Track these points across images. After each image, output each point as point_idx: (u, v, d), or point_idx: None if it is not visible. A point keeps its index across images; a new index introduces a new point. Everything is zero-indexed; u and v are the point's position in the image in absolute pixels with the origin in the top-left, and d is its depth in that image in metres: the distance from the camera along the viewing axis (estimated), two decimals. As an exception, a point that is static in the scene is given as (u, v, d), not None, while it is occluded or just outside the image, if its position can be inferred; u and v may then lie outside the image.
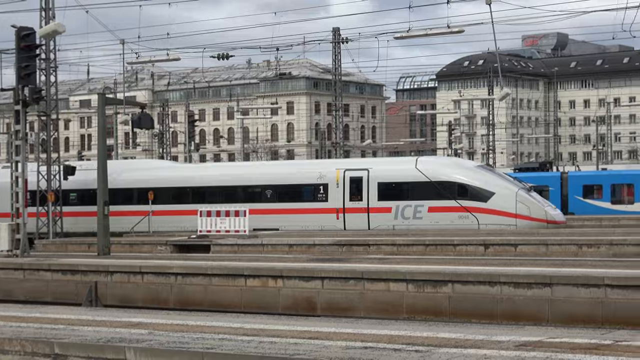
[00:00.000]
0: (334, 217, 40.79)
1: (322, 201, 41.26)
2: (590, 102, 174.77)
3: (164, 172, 46.41)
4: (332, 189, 41.08)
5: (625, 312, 17.81)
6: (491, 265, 22.77)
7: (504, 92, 68.80)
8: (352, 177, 40.93)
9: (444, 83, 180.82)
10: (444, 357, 12.57)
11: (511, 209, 38.40)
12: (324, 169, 42.29)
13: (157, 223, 42.85)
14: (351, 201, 40.71)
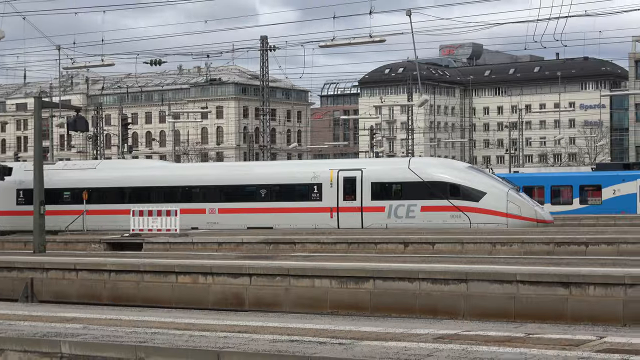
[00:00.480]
0: (328, 216, 40.19)
1: (316, 200, 40.61)
2: (503, 109, 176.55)
3: (154, 171, 45.93)
4: (326, 189, 40.46)
5: (535, 307, 18.01)
6: (410, 262, 22.88)
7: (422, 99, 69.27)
8: (345, 177, 40.33)
9: (366, 90, 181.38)
10: (366, 349, 12.61)
11: (502, 209, 38.12)
12: (317, 169, 41.69)
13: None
14: (345, 200, 40.10)
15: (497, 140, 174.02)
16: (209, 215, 42.01)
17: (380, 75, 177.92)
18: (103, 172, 45.65)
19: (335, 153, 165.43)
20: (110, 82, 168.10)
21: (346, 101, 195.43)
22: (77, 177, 45.22)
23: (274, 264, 23.07)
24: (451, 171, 40.15)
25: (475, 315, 18.29)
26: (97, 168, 46.75)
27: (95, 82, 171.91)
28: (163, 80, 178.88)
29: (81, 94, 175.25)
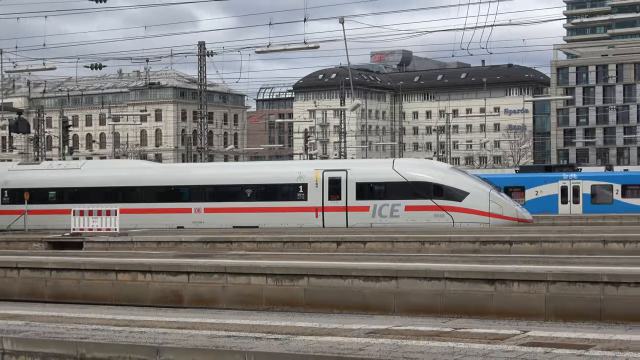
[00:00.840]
0: (313, 215, 39.90)
1: (301, 200, 40.27)
2: (431, 113, 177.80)
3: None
4: (312, 189, 40.13)
5: (462, 303, 18.15)
6: (343, 260, 22.94)
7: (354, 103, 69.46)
8: (330, 177, 40.02)
9: (300, 94, 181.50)
10: (301, 344, 12.61)
11: (485, 208, 38.02)
12: (303, 169, 41.39)
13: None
14: (330, 200, 39.80)
15: (425, 143, 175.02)
16: (195, 214, 41.59)
17: (314, 80, 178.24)
18: (88, 172, 44.99)
19: (270, 155, 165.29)
20: (51, 86, 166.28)
21: (281, 105, 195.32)
22: (63, 177, 44.54)
23: (212, 262, 22.98)
24: (434, 172, 40.08)
25: (405, 311, 18.38)
26: (82, 168, 45.97)
27: (37, 85, 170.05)
28: (103, 84, 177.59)
29: (23, 96, 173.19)
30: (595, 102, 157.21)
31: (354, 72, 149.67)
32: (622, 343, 12.82)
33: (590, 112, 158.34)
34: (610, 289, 17.04)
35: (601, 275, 17.31)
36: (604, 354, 11.90)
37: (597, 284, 17.16)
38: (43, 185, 44.02)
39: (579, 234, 30.81)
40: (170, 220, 41.29)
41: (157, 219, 41.92)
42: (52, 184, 44.33)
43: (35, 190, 43.68)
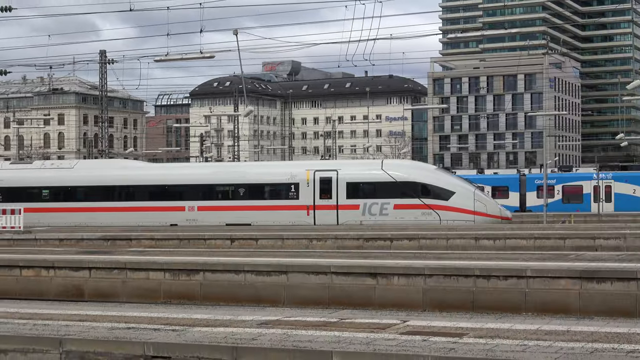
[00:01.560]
0: (305, 213, 39.25)
1: (293, 199, 39.59)
2: (318, 120, 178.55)
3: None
4: (303, 188, 39.47)
5: (347, 295, 18.25)
6: (237, 256, 22.85)
7: (247, 110, 69.29)
8: (321, 177, 39.43)
9: (196, 100, 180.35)
10: (197, 335, 12.52)
11: (470, 207, 37.72)
12: (294, 169, 40.72)
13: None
14: (321, 199, 39.20)
15: (313, 147, 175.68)
16: (188, 212, 40.64)
17: (209, 88, 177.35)
18: (81, 171, 43.66)
19: (168, 158, 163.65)
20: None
21: (178, 111, 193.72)
22: (56, 176, 43.30)
23: (112, 258, 22.64)
24: (422, 172, 39.85)
25: (295, 303, 18.39)
26: (74, 168, 44.51)
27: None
28: (8, 89, 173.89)
29: None
30: (468, 111, 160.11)
31: (247, 81, 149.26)
32: (493, 331, 13.05)
33: (464, 120, 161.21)
34: (482, 282, 17.34)
35: (474, 269, 17.61)
36: (476, 341, 12.09)
37: (470, 277, 17.45)
38: (35, 184, 42.78)
39: (453, 231, 31.28)
40: (163, 218, 40.18)
41: (150, 217, 40.85)
42: (44, 182, 43.00)
43: (26, 188, 42.64)
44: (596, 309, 16.35)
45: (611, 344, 11.93)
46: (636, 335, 12.76)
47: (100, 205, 41.77)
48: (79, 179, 42.95)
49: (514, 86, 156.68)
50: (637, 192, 53.69)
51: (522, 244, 29.39)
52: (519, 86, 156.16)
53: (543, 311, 16.55)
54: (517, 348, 11.52)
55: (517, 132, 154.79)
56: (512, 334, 12.83)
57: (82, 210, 41.89)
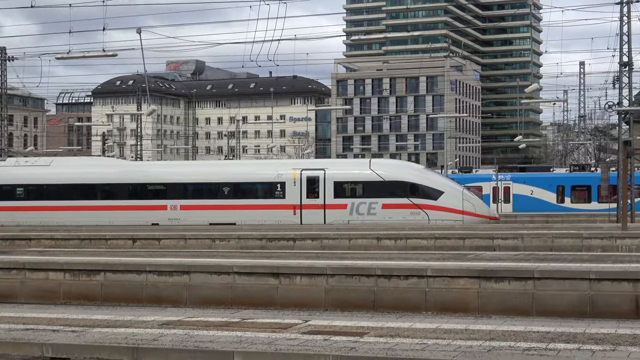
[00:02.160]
0: (291, 212, 38.57)
1: (279, 198, 38.81)
2: (223, 120, 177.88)
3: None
4: (290, 187, 38.77)
5: (250, 295, 18.21)
6: (138, 256, 22.62)
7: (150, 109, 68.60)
8: (309, 176, 38.78)
9: (98, 99, 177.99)
10: (97, 335, 12.36)
11: (459, 206, 37.44)
12: (281, 168, 39.94)
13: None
14: (308, 198, 38.52)
15: (217, 147, 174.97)
16: (170, 211, 39.60)
17: (112, 87, 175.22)
18: (59, 169, 42.20)
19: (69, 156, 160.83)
20: None
21: (80, 109, 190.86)
22: (32, 174, 41.89)
23: (10, 258, 22.18)
24: (411, 171, 39.45)
25: (197, 303, 18.30)
26: (51, 165, 42.97)
27: None
28: None
29: None
30: (371, 112, 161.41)
31: (150, 80, 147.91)
32: (393, 330, 13.19)
33: (367, 121, 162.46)
34: (383, 282, 17.49)
35: (375, 268, 17.75)
36: (377, 340, 12.20)
37: (372, 277, 17.58)
38: (9, 182, 41.47)
39: (355, 231, 31.49)
40: (144, 217, 39.17)
41: (131, 216, 39.79)
42: (19, 180, 41.71)
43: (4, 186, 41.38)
44: (494, 308, 16.63)
45: (508, 342, 12.17)
46: (532, 333, 13.04)
47: (78, 204, 40.67)
48: (56, 177, 41.79)
49: (416, 88, 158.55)
50: (535, 194, 54.82)
51: (423, 243, 29.75)
52: (421, 88, 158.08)
53: (443, 310, 16.78)
54: (416, 347, 11.66)
55: (419, 134, 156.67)
56: (412, 332, 12.99)
57: (59, 209, 40.78)
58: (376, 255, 22.49)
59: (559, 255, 21.43)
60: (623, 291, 16.20)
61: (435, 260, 19.55)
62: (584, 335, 12.89)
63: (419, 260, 19.81)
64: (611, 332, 13.18)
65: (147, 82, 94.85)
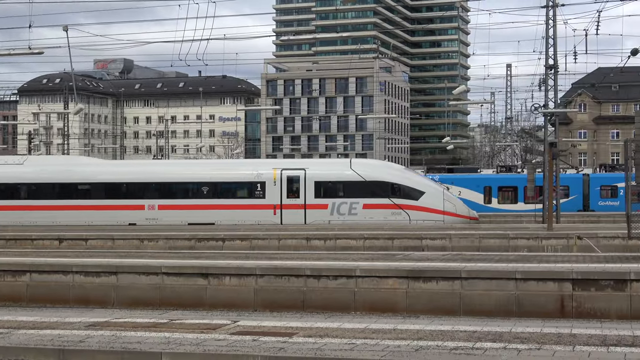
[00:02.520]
0: (271, 212, 38.10)
1: (259, 198, 38.32)
2: (151, 119, 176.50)
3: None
4: (270, 187, 38.31)
5: (178, 295, 18.10)
6: (65, 256, 22.33)
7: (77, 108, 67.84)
8: (289, 176, 38.40)
9: (24, 97, 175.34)
10: (22, 337, 12.17)
11: (439, 207, 37.39)
12: (261, 167, 39.41)
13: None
14: (289, 198, 38.13)
15: (145, 146, 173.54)
16: (148, 211, 38.94)
17: (38, 85, 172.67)
18: (32, 167, 41.23)
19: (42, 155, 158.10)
20: None
21: (6, 107, 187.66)
22: (4, 172, 40.92)
23: None
24: (392, 171, 39.29)
25: (125, 304, 18.12)
26: (24, 164, 41.93)
27: None
28: None
29: None
30: (301, 113, 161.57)
31: (78, 78, 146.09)
32: (322, 330, 13.21)
33: (297, 121, 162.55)
34: (313, 282, 17.51)
35: (304, 269, 17.77)
36: (305, 340, 12.21)
37: (301, 277, 17.59)
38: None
39: (285, 231, 31.49)
40: (121, 217, 38.46)
41: (108, 216, 39.08)
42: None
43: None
44: (422, 308, 16.76)
45: (435, 341, 12.27)
46: (459, 332, 13.17)
47: (53, 203, 39.92)
48: (30, 176, 40.96)
49: (346, 89, 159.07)
50: (463, 194, 55.33)
51: (352, 244, 29.88)
52: (351, 89, 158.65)
53: (372, 310, 16.86)
54: (345, 347, 11.69)
55: (349, 134, 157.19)
56: (341, 332, 13.03)
57: (33, 208, 39.99)
58: (305, 255, 22.52)
59: (486, 255, 21.68)
60: (548, 291, 16.45)
61: (364, 261, 19.64)
62: (510, 335, 13.06)
63: (348, 260, 19.88)
64: (537, 331, 13.38)
65: (75, 80, 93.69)
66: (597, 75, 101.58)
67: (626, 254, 22.63)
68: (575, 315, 16.18)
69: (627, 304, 16.13)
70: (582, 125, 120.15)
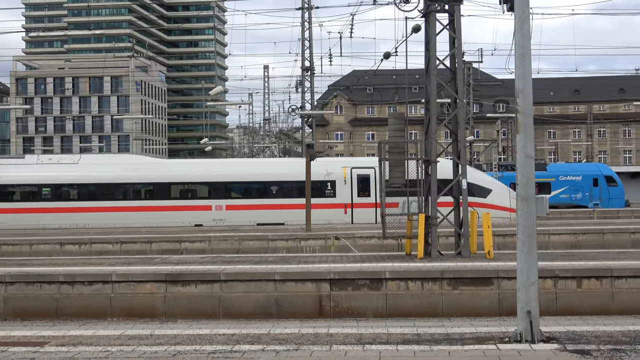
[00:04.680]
0: (342, 211, 37.30)
1: (330, 197, 37.44)
2: None
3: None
4: (340, 186, 37.56)
5: None
6: None
7: None
8: (359, 174, 37.59)
9: None
10: None
11: (507, 204, 37.47)
12: (330, 166, 38.37)
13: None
14: (359, 197, 37.35)
15: None
16: (215, 212, 37.48)
17: None
18: (88, 167, 38.71)
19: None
20: None
21: None
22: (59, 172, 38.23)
23: None
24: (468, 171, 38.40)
25: None
26: (79, 163, 38.96)
27: None
28: None
29: None
30: (53, 112, 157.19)
31: None
32: (76, 338, 12.93)
33: (49, 121, 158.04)
34: (67, 288, 17.11)
35: (58, 275, 17.32)
36: (58, 349, 11.91)
37: (54, 284, 17.15)
38: (33, 181, 37.90)
39: (37, 237, 30.60)
40: (188, 218, 37.01)
41: (173, 217, 37.37)
42: (45, 180, 37.88)
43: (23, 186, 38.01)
44: (182, 312, 16.72)
45: (194, 345, 12.27)
46: (218, 335, 13.24)
47: (114, 204, 38.01)
48: (86, 176, 38.66)
49: (101, 88, 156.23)
50: None
51: (108, 248, 29.46)
52: (105, 88, 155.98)
53: (129, 316, 16.64)
54: (100, 354, 11.48)
55: (104, 135, 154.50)
56: (96, 340, 12.79)
57: (92, 210, 37.95)
58: (59, 261, 21.93)
59: (245, 257, 21.88)
60: (307, 291, 16.81)
61: (121, 265, 19.36)
62: (269, 336, 13.23)
63: (104, 265, 19.53)
64: (295, 332, 13.63)
65: None
66: (352, 78, 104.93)
67: (381, 254, 23.49)
68: (333, 315, 16.62)
69: (383, 303, 16.74)
70: (338, 127, 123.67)
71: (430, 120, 21.86)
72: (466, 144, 32.33)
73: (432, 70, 21.47)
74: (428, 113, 22.01)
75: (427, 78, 21.68)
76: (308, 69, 45.58)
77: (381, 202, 22.88)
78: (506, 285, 16.64)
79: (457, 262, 19.07)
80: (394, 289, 16.85)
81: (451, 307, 16.68)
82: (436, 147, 22.05)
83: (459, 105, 21.82)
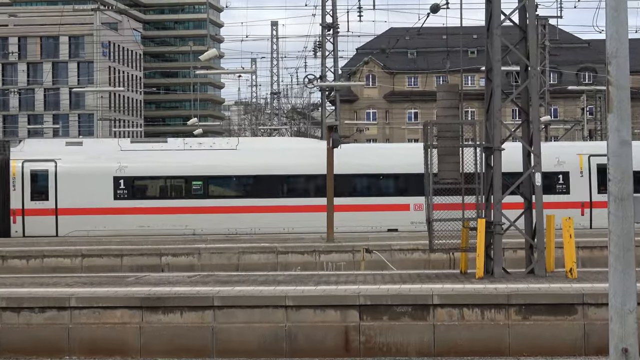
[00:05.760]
0: (578, 212, 37.41)
1: (562, 193, 37.98)
2: None
3: None
4: (575, 179, 38.41)
5: None
6: None
7: None
8: (599, 164, 37.22)
9: None
10: None
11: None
12: (561, 153, 38.88)
13: None
14: (599, 194, 37.48)
15: None
16: (415, 212, 37.21)
17: None
18: (251, 154, 39.33)
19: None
20: None
21: None
22: (216, 160, 39.02)
23: None
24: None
25: None
26: (238, 148, 39.52)
27: None
28: None
29: None
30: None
31: None
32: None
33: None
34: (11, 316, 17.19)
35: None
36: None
37: (-6, 311, 17.23)
38: (180, 172, 38.58)
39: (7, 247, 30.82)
40: (379, 220, 37.65)
41: (360, 219, 37.71)
42: (194, 170, 38.56)
43: (168, 179, 38.82)
44: (163, 348, 16.78)
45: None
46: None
47: (286, 202, 38.81)
48: (249, 164, 39.01)
49: (56, 52, 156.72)
50: None
51: (66, 263, 29.55)
52: (62, 52, 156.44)
53: (93, 353, 16.68)
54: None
55: (60, 114, 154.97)
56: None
57: (262, 210, 38.55)
58: (6, 280, 22.00)
59: (247, 275, 21.88)
60: (329, 321, 16.76)
61: (82, 286, 19.41)
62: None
63: (59, 286, 19.58)
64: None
65: None
66: (388, 38, 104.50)
67: (428, 272, 23.44)
68: (363, 353, 16.60)
69: (430, 337, 16.69)
70: (370, 103, 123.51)
71: (493, 95, 21.78)
72: (541, 126, 32.29)
73: (496, 29, 21.41)
74: (490, 85, 21.93)
75: (488, 38, 21.62)
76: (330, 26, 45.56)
77: (426, 204, 22.69)
78: (594, 314, 16.61)
79: (528, 283, 19.02)
80: (445, 319, 16.83)
81: (521, 343, 16.65)
82: (500, 129, 21.91)
83: (531, 75, 21.75)
